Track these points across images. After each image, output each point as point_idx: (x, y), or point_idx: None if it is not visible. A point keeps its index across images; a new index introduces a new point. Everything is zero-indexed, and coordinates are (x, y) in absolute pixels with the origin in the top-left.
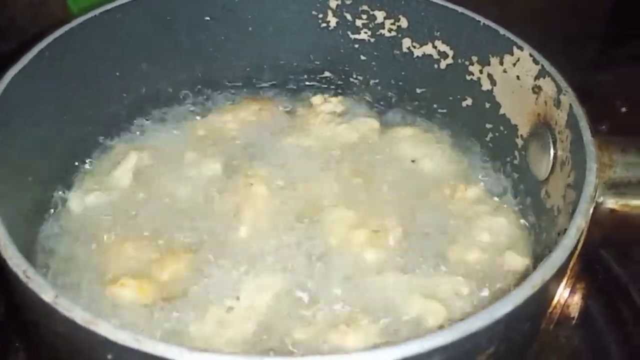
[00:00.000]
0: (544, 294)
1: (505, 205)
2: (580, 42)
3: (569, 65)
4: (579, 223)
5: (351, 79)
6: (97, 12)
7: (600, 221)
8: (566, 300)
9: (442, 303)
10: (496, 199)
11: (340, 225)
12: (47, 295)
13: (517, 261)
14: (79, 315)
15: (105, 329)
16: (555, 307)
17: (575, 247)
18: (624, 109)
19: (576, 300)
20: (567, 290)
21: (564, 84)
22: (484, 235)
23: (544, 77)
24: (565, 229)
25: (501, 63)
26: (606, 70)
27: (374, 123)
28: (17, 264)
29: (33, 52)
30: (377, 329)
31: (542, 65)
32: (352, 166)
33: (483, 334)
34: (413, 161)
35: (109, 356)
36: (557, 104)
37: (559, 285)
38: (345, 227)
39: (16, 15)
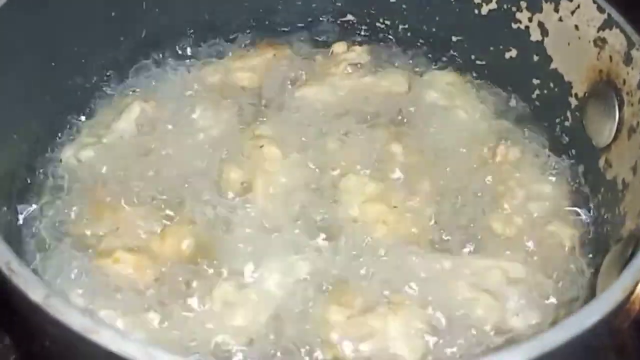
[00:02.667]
0: (630, 296)
1: (553, 172)
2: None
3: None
4: None
5: (377, 24)
6: None
7: None
8: None
9: (493, 291)
10: (542, 164)
11: (364, 196)
12: (36, 294)
13: (567, 234)
14: (76, 321)
15: (109, 339)
16: (633, 302)
17: None
18: None
19: None
20: None
21: (636, 37)
22: (530, 206)
23: (611, 29)
24: None
25: (556, 10)
26: None
27: (402, 76)
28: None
29: None
30: (422, 314)
31: (609, 14)
32: (376, 124)
33: (564, 347)
34: (442, 107)
35: None
36: (627, 60)
37: None
38: (371, 198)
39: None
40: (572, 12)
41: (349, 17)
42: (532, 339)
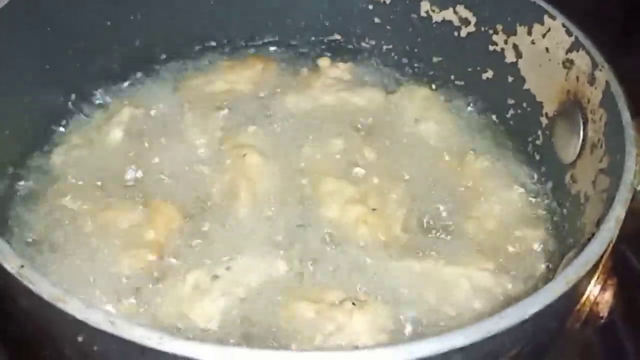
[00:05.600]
0: (576, 291)
1: (523, 188)
2: (601, 24)
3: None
4: (618, 213)
5: (363, 44)
6: None
7: (636, 212)
8: (596, 298)
9: (458, 288)
10: (514, 179)
11: (340, 200)
12: (11, 264)
13: (533, 238)
14: (46, 290)
15: (76, 308)
16: (584, 304)
17: (611, 240)
18: None
19: (606, 298)
20: (598, 287)
21: (600, 59)
22: (497, 215)
23: (578, 51)
24: (599, 220)
25: (529, 33)
26: (629, 53)
27: (380, 91)
28: None
29: None
30: (386, 311)
31: (576, 37)
32: (352, 132)
33: (509, 334)
34: (416, 120)
35: (79, 338)
36: (592, 80)
37: (590, 281)
38: (346, 203)
39: None
40: (544, 35)
41: (336, 35)
42: (473, 325)
